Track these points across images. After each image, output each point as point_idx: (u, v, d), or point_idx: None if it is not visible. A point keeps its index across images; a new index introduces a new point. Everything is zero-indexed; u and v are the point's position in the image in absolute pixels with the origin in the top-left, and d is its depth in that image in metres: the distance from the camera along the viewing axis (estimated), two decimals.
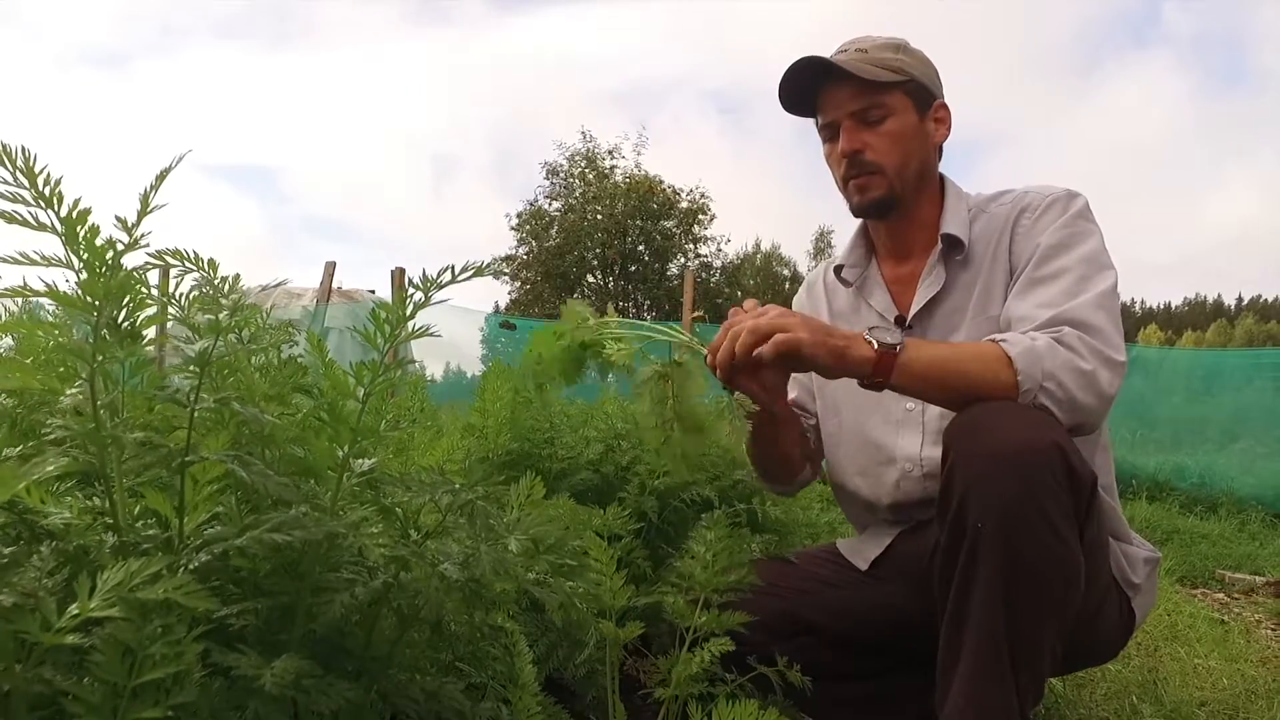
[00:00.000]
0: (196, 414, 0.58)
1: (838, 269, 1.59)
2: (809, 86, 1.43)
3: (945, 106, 1.49)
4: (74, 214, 0.58)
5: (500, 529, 0.64)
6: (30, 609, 0.45)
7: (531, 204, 23.97)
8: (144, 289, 0.58)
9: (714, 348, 1.21)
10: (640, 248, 23.38)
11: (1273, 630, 3.11)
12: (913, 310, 1.46)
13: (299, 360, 0.91)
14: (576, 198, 23.36)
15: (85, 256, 0.56)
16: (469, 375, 12.26)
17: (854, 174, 1.43)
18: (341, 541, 0.60)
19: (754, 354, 1.16)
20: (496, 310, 25.56)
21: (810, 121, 1.50)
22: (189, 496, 0.58)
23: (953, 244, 1.43)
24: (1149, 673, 2.12)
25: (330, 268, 11.24)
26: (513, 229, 24.05)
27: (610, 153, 23.61)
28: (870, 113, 1.40)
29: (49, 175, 0.60)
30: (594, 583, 1.00)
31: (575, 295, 23.85)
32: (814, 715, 1.71)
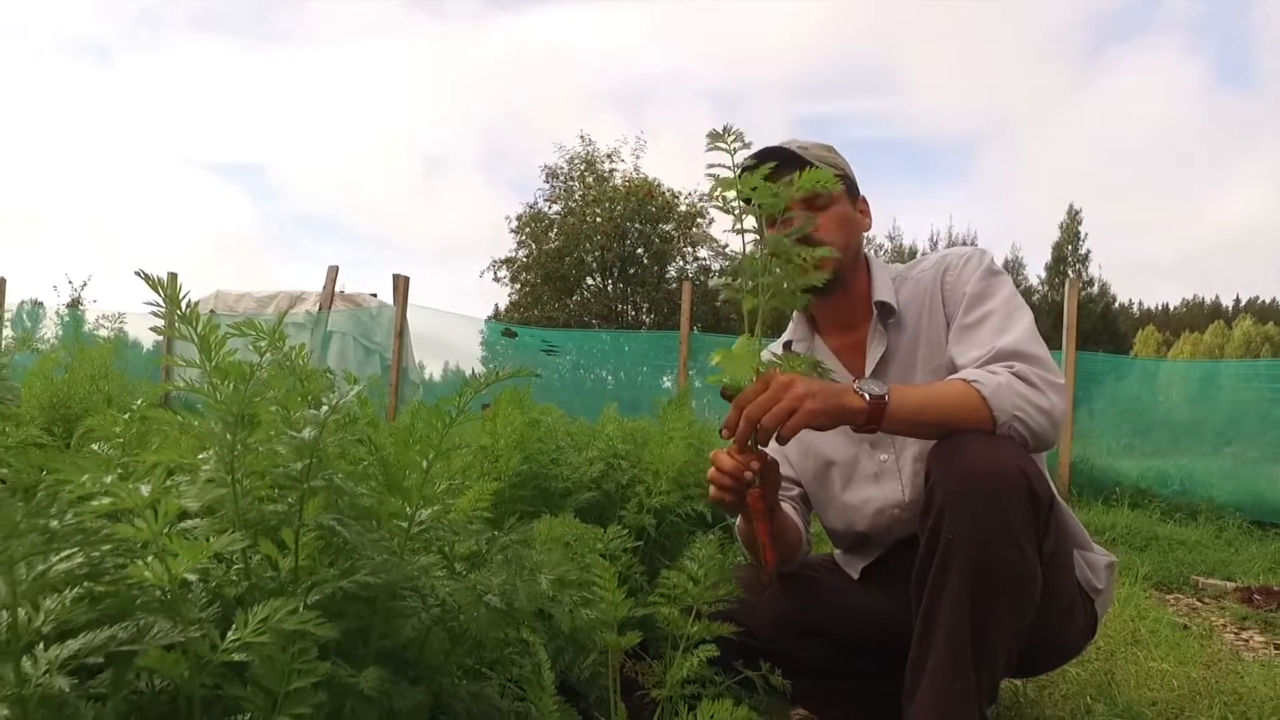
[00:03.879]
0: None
1: (786, 344, 1.77)
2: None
3: (866, 200, 1.71)
4: (207, 330, 0.76)
5: (532, 566, 0.82)
6: (201, 635, 0.63)
7: (531, 207, 24.18)
8: (265, 396, 0.76)
9: (744, 400, 1.32)
10: (639, 250, 23.57)
11: (1235, 635, 3.30)
12: (867, 373, 1.64)
13: (351, 411, 1.10)
14: (576, 200, 23.56)
15: (218, 366, 0.75)
16: (468, 375, 12.44)
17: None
18: (415, 581, 0.79)
19: (781, 427, 1.30)
20: (496, 314, 25.73)
21: (810, 119, 1.70)
22: (292, 544, 0.77)
23: (886, 310, 1.63)
24: (1105, 675, 2.31)
25: (333, 272, 11.39)
26: (512, 232, 24.25)
27: (609, 156, 23.81)
28: (817, 199, 1.58)
29: (188, 298, 0.78)
30: (603, 604, 1.18)
31: (574, 298, 24.06)
32: (809, 708, 1.90)
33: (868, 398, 1.35)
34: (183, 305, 0.77)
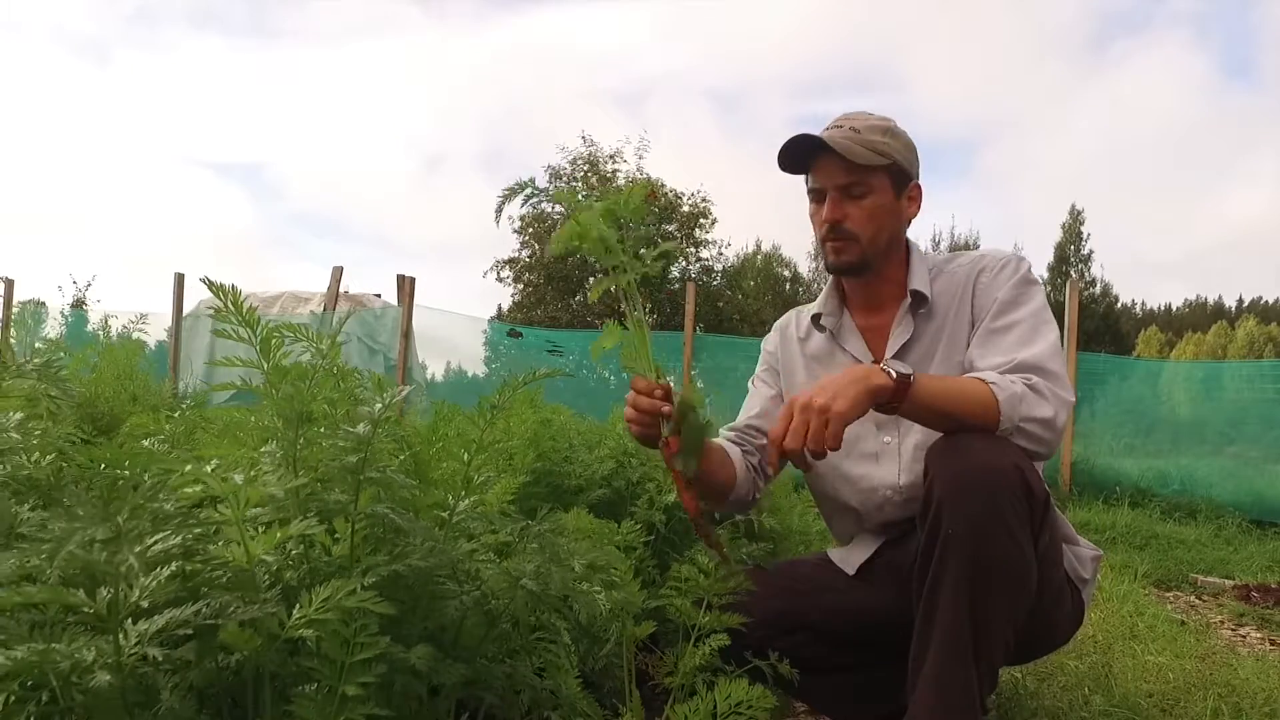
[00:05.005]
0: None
1: (815, 317, 1.81)
2: (805, 153, 1.66)
3: (919, 187, 1.72)
4: (268, 335, 0.83)
5: (564, 553, 0.88)
6: (270, 613, 0.69)
7: (534, 207, 24.28)
8: (318, 396, 0.83)
9: (776, 438, 1.39)
10: (642, 251, 23.60)
11: (1232, 631, 3.36)
12: (887, 356, 1.69)
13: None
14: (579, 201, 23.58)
15: (274, 367, 0.82)
16: (470, 374, 12.53)
17: (832, 238, 1.66)
18: (461, 565, 0.85)
19: (825, 442, 1.34)
20: (499, 314, 25.82)
21: (810, 119, 1.73)
22: (344, 531, 0.83)
23: (919, 299, 1.68)
24: (1103, 668, 2.37)
25: (337, 273, 11.47)
26: (515, 232, 24.35)
27: (613, 156, 23.88)
28: (854, 188, 1.62)
29: (249, 305, 0.85)
30: (627, 592, 1.25)
31: (577, 298, 24.13)
32: (808, 702, 1.96)
33: (894, 375, 1.41)
34: (243, 310, 0.83)
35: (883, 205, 1.64)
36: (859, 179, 1.61)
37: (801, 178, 1.72)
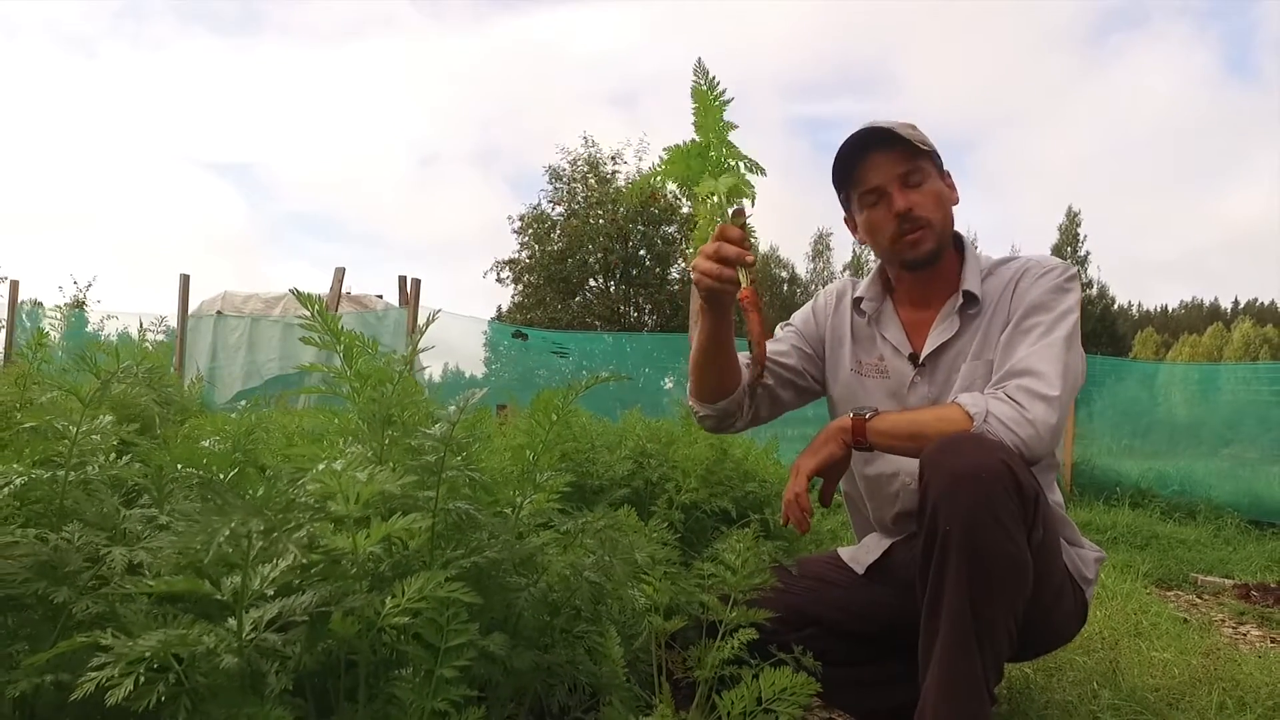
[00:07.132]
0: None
1: (857, 300, 1.83)
2: (855, 158, 1.66)
3: (950, 175, 1.75)
4: (350, 343, 0.89)
5: (625, 548, 0.94)
6: (380, 600, 0.75)
7: (534, 208, 24.36)
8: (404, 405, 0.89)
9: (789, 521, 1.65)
10: (642, 252, 23.72)
11: (1233, 629, 3.43)
12: (926, 350, 1.72)
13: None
14: (579, 202, 23.72)
15: (357, 374, 0.87)
16: (468, 375, 12.58)
17: (908, 229, 1.64)
18: (531, 559, 0.91)
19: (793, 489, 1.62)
20: (499, 314, 25.87)
21: (810, 119, 1.78)
22: (424, 527, 0.89)
23: (970, 300, 1.70)
24: (1110, 663, 2.43)
25: (339, 274, 11.50)
26: (514, 232, 24.43)
27: (613, 158, 23.97)
28: (911, 176, 1.62)
29: (333, 316, 0.90)
30: (681, 586, 1.31)
31: (577, 299, 24.21)
32: (821, 696, 2.02)
33: (852, 415, 1.57)
34: (328, 318, 0.89)
35: (939, 190, 1.67)
36: (915, 165, 1.63)
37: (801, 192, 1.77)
